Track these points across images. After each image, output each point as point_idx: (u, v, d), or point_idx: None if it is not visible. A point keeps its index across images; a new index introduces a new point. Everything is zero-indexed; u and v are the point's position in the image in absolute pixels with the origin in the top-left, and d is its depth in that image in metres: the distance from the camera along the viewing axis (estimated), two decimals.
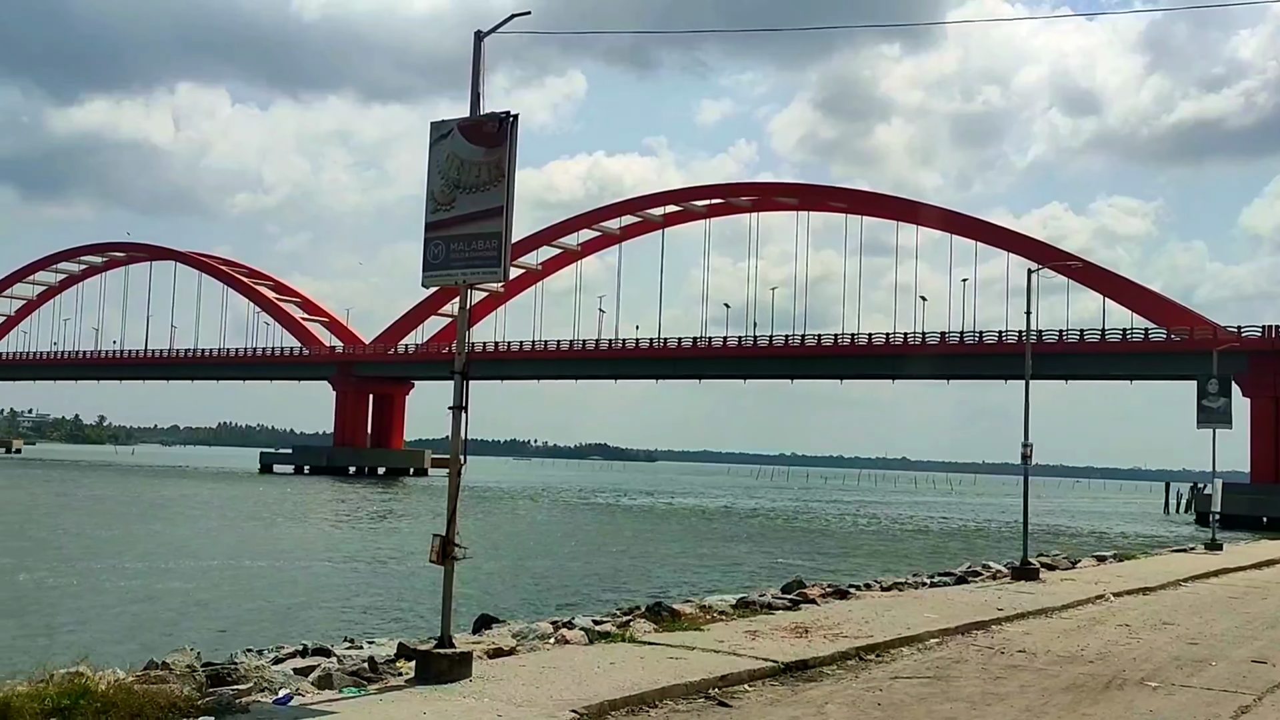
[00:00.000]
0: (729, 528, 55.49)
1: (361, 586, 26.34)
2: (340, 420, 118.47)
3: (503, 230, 9.40)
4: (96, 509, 51.39)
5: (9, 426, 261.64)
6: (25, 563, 28.28)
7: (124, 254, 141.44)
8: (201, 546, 34.47)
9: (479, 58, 9.61)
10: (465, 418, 9.59)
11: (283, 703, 8.56)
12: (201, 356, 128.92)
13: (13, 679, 8.66)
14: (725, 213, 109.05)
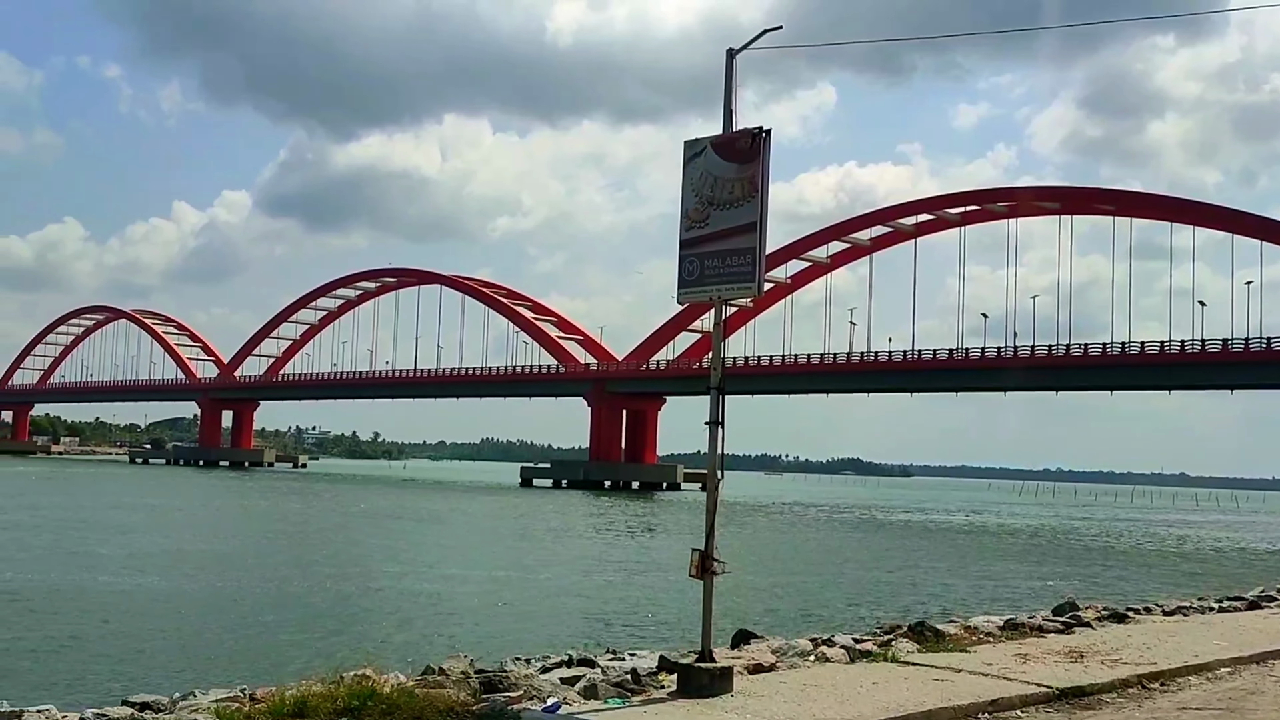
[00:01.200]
0: (992, 545, 53.51)
1: (620, 598, 26.86)
2: (595, 436, 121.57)
3: (756, 245, 9.40)
4: (375, 520, 54.64)
5: (295, 443, 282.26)
6: (312, 571, 30.36)
7: (394, 279, 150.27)
8: (471, 557, 36.06)
9: (731, 75, 9.66)
10: (722, 433, 9.62)
11: (551, 710, 8.80)
12: (465, 375, 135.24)
13: (308, 679, 9.26)
14: (981, 220, 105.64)
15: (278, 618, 22.07)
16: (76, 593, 24.52)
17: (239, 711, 8.84)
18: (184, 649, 18.47)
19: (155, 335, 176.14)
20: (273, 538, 42.60)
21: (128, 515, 51.36)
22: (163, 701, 9.71)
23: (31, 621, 20.50)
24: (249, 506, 64.63)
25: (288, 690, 9.11)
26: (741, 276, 9.52)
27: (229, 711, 8.80)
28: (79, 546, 35.12)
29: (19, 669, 16.29)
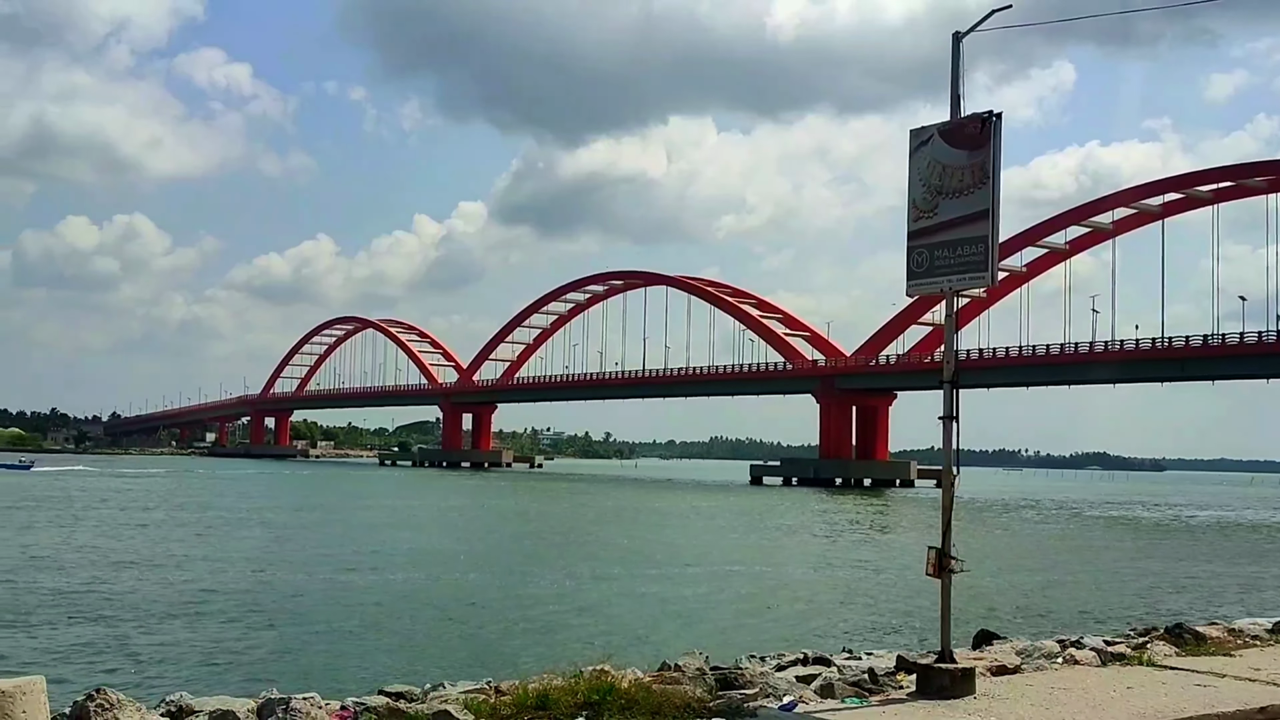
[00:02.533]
0: (1258, 544, 49.93)
1: (853, 597, 26.49)
2: (825, 432, 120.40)
3: (989, 234, 9.09)
4: (610, 518, 55.80)
5: (531, 444, 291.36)
6: (551, 568, 31.25)
7: (622, 282, 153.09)
8: (703, 554, 36.30)
9: (958, 59, 9.37)
10: (956, 428, 9.35)
11: (788, 709, 8.75)
12: (693, 374, 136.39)
13: (549, 673, 9.52)
14: (1237, 196, 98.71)
15: (518, 613, 22.81)
16: (332, 588, 26.05)
17: (485, 703, 9.17)
18: (429, 642, 19.34)
19: (399, 343, 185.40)
20: (514, 536, 44.13)
21: (379, 515, 54.29)
22: (415, 692, 10.18)
23: (292, 615, 21.92)
24: (490, 506, 67.16)
25: (530, 684, 9.39)
26: (974, 266, 9.23)
27: (476, 703, 9.14)
28: (334, 546, 37.33)
29: (284, 658, 17.46)
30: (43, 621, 20.31)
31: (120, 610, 21.80)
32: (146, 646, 18.09)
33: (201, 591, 24.75)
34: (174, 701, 9.42)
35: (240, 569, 29.46)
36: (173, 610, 21.95)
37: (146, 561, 30.75)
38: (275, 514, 50.94)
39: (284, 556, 33.08)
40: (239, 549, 35.07)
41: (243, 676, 15.48)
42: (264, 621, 20.98)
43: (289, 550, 35.09)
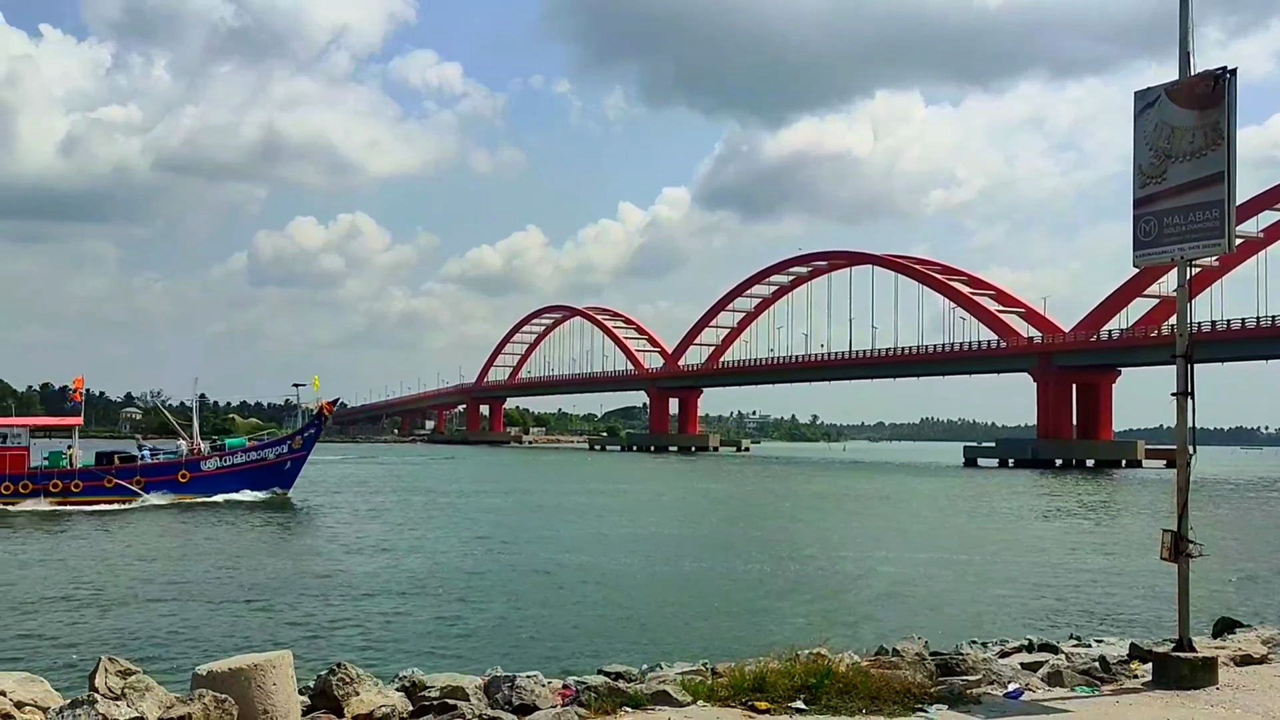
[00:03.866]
0: None
1: (1079, 582, 25.45)
2: (1043, 412, 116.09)
3: (1224, 198, 8.56)
4: (820, 501, 55.38)
5: (737, 428, 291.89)
6: (763, 551, 31.25)
7: (826, 263, 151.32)
8: (917, 537, 35.60)
9: (1186, 13, 8.83)
10: (1191, 405, 8.86)
11: (1013, 696, 8.51)
12: (901, 355, 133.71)
13: (765, 656, 9.53)
14: None
15: (730, 595, 22.92)
16: (551, 570, 26.76)
17: (702, 685, 9.27)
18: (645, 623, 19.63)
19: (606, 330, 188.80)
20: (724, 518, 44.32)
21: (592, 499, 55.48)
22: (633, 672, 10.37)
23: (513, 596, 22.65)
24: (699, 489, 67.64)
25: (746, 666, 9.42)
26: (1207, 233, 8.72)
27: (694, 684, 9.24)
28: (552, 529, 38.35)
29: (506, 638, 18.06)
30: (285, 603, 21.64)
31: (357, 591, 23.03)
32: (380, 625, 19.05)
33: (428, 572, 25.88)
34: (407, 677, 9.88)
35: (467, 551, 30.66)
36: (404, 590, 23.03)
37: (377, 545, 32.36)
38: (496, 498, 52.72)
39: (506, 539, 34.22)
40: (466, 531, 36.49)
41: (468, 654, 16.09)
42: (487, 601, 21.76)
43: (511, 533, 36.26)
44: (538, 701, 8.99)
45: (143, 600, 21.63)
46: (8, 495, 43.35)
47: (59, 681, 9.66)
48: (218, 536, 34.39)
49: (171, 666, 14.28)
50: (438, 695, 9.17)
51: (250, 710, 7.94)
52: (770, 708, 8.45)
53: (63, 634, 18.03)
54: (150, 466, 47.57)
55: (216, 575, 25.25)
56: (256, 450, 50.17)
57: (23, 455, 44.67)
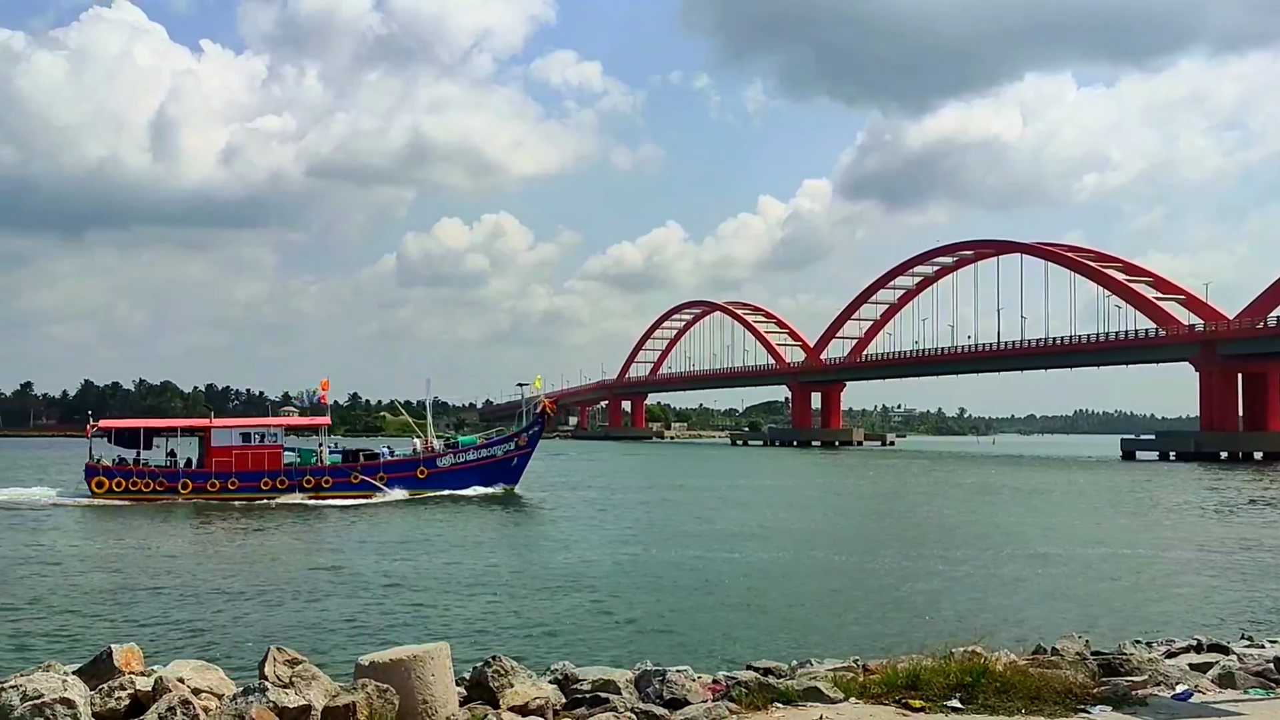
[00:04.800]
0: None
1: (1251, 580, 24.30)
2: (1206, 403, 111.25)
3: None
4: (971, 496, 54.16)
5: (882, 422, 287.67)
6: (912, 546, 30.74)
7: (972, 252, 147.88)
8: (1073, 533, 34.54)
9: None
10: None
11: (1182, 698, 8.19)
12: (1052, 345, 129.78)
13: (918, 653, 9.38)
14: None
15: (878, 592, 22.63)
16: (697, 565, 26.82)
17: (854, 681, 9.17)
18: (792, 619, 19.50)
19: (746, 325, 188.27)
20: (870, 513, 43.79)
21: (738, 493, 55.46)
22: (782, 668, 10.33)
23: (662, 591, 22.78)
24: (845, 484, 66.92)
25: (899, 663, 9.29)
26: None
27: (845, 681, 9.15)
28: (698, 523, 38.45)
29: (657, 633, 18.17)
30: (438, 599, 22.19)
31: (503, 585, 23.48)
32: (530, 618, 19.37)
33: (578, 568, 26.22)
34: (559, 670, 10.03)
35: (610, 547, 30.96)
36: (548, 585, 23.38)
37: (515, 541, 32.94)
38: (639, 493, 53.09)
39: (651, 533, 34.47)
40: (612, 527, 36.88)
41: (617, 648, 16.24)
42: (635, 596, 21.94)
43: (656, 527, 36.51)
44: (688, 696, 9.02)
45: (325, 591, 22.45)
46: (267, 490, 46.53)
47: (235, 668, 10.10)
48: (432, 528, 35.84)
49: (336, 657, 14.79)
50: (589, 688, 9.29)
51: (410, 700, 8.16)
52: (925, 706, 8.31)
53: (253, 622, 18.85)
54: (392, 463, 50.07)
55: (400, 567, 26.01)
56: (486, 448, 52.08)
57: (279, 452, 47.81)
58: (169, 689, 7.90)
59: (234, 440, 47.77)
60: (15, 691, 7.60)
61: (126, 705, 8.05)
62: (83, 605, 20.64)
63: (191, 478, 47.26)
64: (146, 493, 46.39)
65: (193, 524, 37.77)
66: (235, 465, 47.08)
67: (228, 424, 50.57)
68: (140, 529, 35.78)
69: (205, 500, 45.58)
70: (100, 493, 46.29)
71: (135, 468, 47.60)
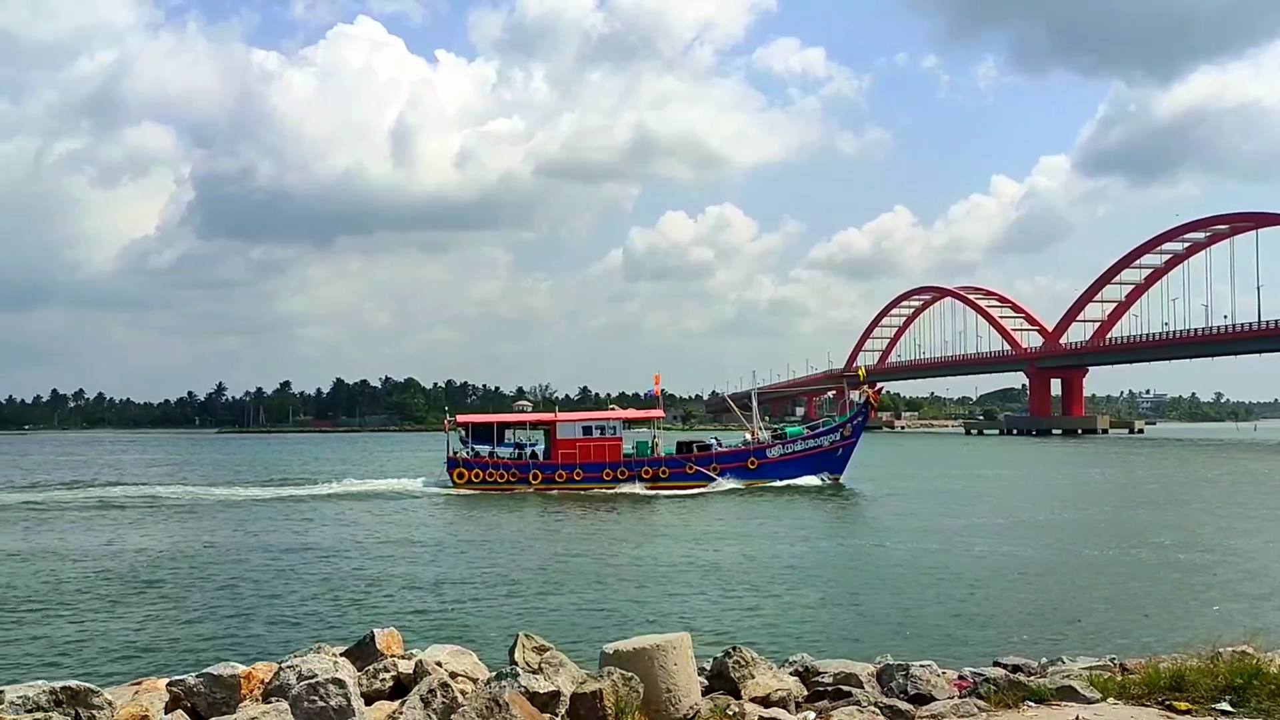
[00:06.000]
0: None
1: None
2: None
3: None
4: (1228, 488, 50.84)
5: (1129, 408, 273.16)
6: (1165, 538, 29.13)
7: (1227, 226, 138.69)
8: None
9: None
10: None
11: None
12: None
13: (1181, 653, 8.89)
14: None
15: (1127, 587, 21.52)
16: (935, 556, 26.21)
17: (1111, 680, 8.78)
18: (1035, 614, 18.74)
19: (979, 309, 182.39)
20: (1119, 505, 41.67)
21: (975, 484, 53.98)
22: (1032, 665, 9.98)
23: (898, 583, 22.37)
24: (1090, 474, 63.95)
25: (1161, 663, 8.84)
26: None
27: (1101, 680, 8.77)
28: (933, 515, 37.55)
29: (894, 625, 17.85)
30: (678, 590, 22.50)
31: (743, 576, 23.57)
32: (772, 609, 19.37)
33: (816, 560, 26.09)
34: (799, 662, 10.01)
35: (847, 536, 30.66)
36: (788, 573, 23.34)
37: (743, 533, 33.00)
38: (871, 485, 52.20)
39: (885, 525, 33.94)
40: (846, 519, 36.52)
41: (854, 640, 16.06)
42: (871, 587, 21.66)
43: (891, 519, 35.90)
44: (934, 692, 8.84)
45: (597, 575, 23.17)
46: (608, 480, 48.98)
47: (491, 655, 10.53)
48: (752, 518, 36.46)
49: (580, 642, 15.20)
50: (831, 681, 9.22)
51: (654, 688, 8.31)
52: (1191, 709, 7.86)
53: (509, 609, 19.66)
54: (724, 454, 51.48)
55: (697, 553, 26.60)
56: (814, 438, 52.68)
57: (619, 444, 50.24)
58: (428, 672, 8.32)
59: (577, 433, 50.19)
60: (292, 671, 8.16)
61: (390, 686, 8.52)
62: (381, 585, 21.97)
63: (541, 469, 49.95)
64: (501, 483, 49.57)
65: (542, 511, 39.85)
66: (579, 457, 49.60)
67: (571, 418, 53.21)
68: (495, 515, 38.62)
69: (553, 490, 48.36)
70: (460, 483, 49.89)
71: (490, 459, 50.68)
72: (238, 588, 22.49)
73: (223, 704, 8.17)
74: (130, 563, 26.49)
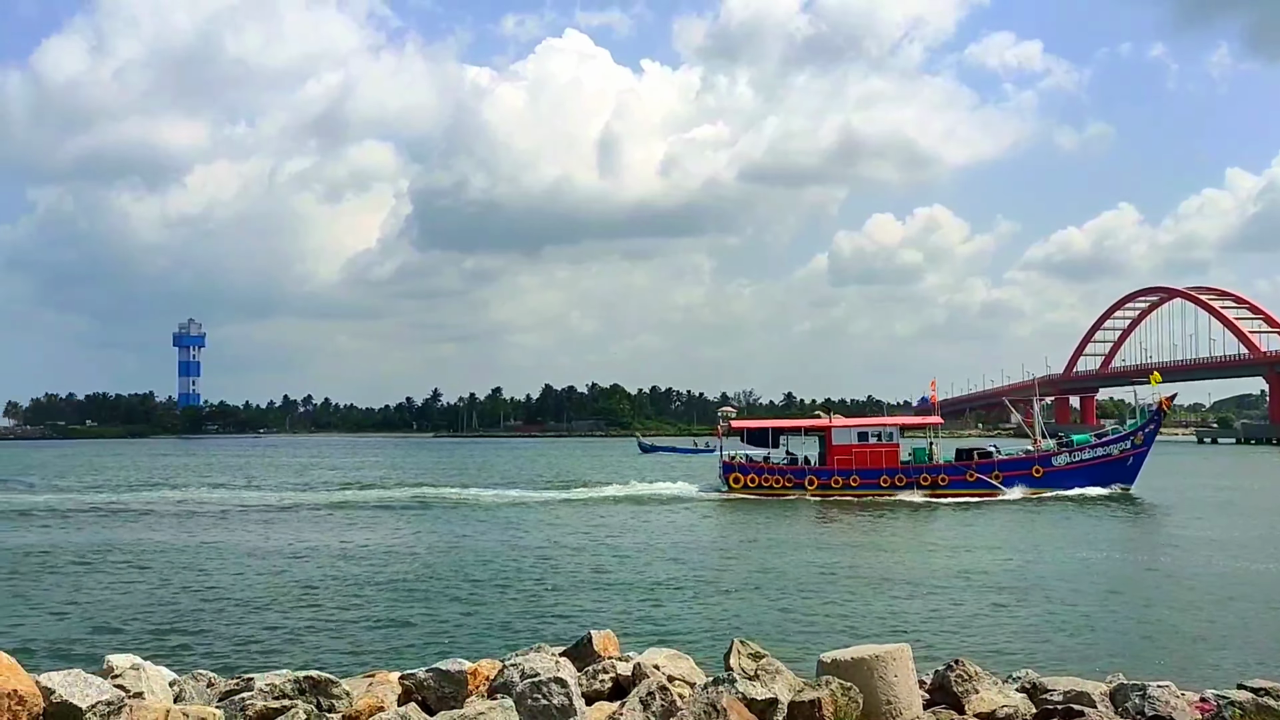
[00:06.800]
0: None
1: None
2: None
3: None
4: None
5: None
6: None
7: None
8: None
9: None
10: None
11: None
12: None
13: None
14: None
15: None
16: (1167, 571, 24.89)
17: None
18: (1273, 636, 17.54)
19: (1212, 311, 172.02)
20: None
21: (1218, 495, 50.95)
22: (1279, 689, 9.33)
23: (1128, 596, 21.30)
24: None
25: None
26: None
27: None
28: (1167, 526, 35.66)
29: (1122, 641, 16.99)
30: (902, 598, 22.04)
31: (978, 587, 22.90)
32: (998, 621, 18.74)
33: (1068, 572, 25.13)
34: (1025, 678, 9.65)
35: (1073, 548, 29.46)
36: (1007, 586, 22.55)
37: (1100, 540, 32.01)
38: (1156, 494, 49.97)
39: (1114, 537, 32.42)
40: (1134, 537, 35.12)
41: (1078, 656, 15.36)
42: (1096, 600, 20.71)
43: (1122, 530, 34.31)
44: (1174, 714, 8.37)
45: (833, 581, 23.10)
46: (885, 487, 48.26)
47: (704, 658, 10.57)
48: (1036, 530, 35.15)
49: (794, 652, 15.08)
50: (1060, 699, 8.84)
51: (874, 699, 8.16)
52: None
53: (727, 613, 19.75)
54: (1007, 462, 50.25)
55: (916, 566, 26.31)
56: (1102, 446, 51.08)
57: (896, 450, 49.64)
58: (647, 674, 8.41)
59: (852, 439, 49.59)
60: (515, 669, 8.40)
61: (609, 688, 8.66)
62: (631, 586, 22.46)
63: (816, 474, 49.47)
64: (776, 489, 49.30)
65: (814, 517, 39.76)
66: (855, 463, 48.82)
67: (847, 424, 52.42)
68: (763, 520, 38.53)
69: (829, 496, 47.84)
70: (736, 488, 49.77)
71: (765, 465, 50.81)
72: (463, 586, 23.27)
73: (451, 698, 8.48)
74: (392, 560, 27.93)
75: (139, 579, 24.81)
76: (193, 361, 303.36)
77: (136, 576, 25.21)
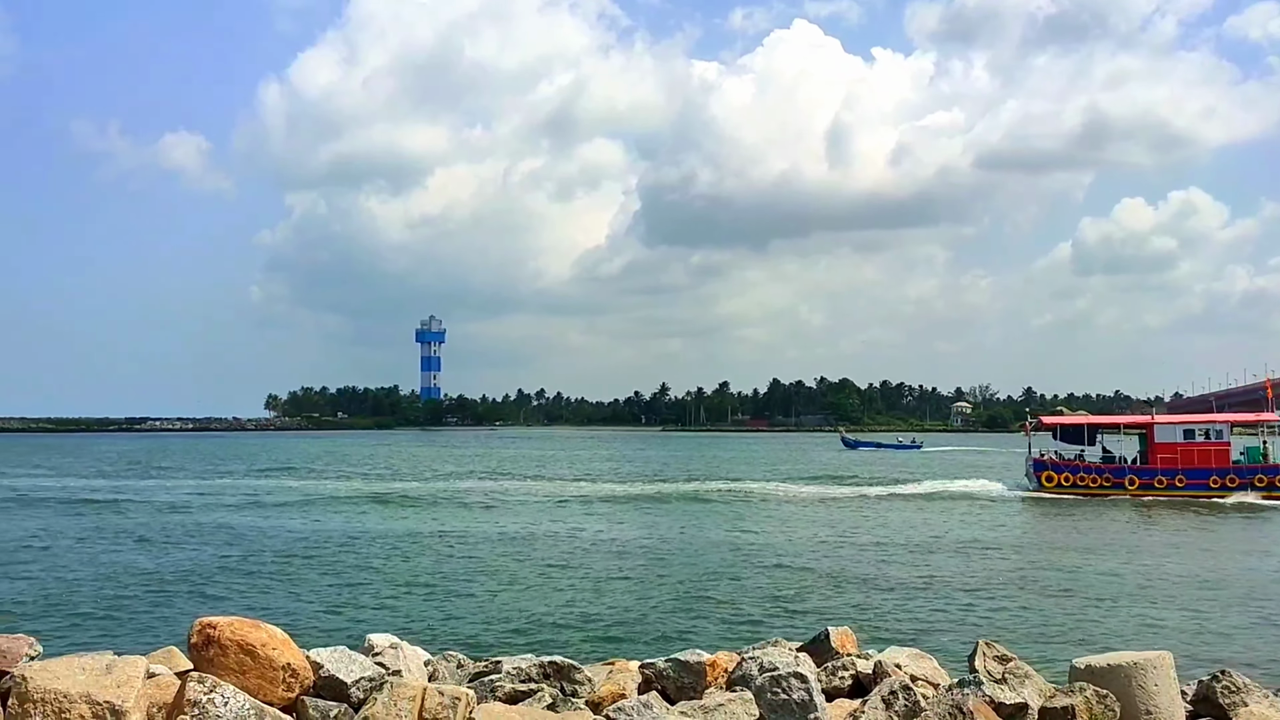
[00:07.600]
0: None
1: None
2: None
3: None
4: None
5: None
6: None
7: None
8: None
9: None
10: None
11: None
12: None
13: None
14: None
15: None
16: None
17: None
18: None
19: None
20: None
21: None
22: None
23: None
24: None
25: None
26: None
27: None
28: None
29: None
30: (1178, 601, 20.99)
31: None
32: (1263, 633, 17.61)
33: None
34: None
35: None
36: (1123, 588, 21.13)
37: None
38: None
39: None
40: None
41: None
42: None
43: None
44: None
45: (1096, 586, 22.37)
46: (1215, 488, 45.71)
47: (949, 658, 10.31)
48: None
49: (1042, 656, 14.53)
50: None
51: (1132, 709, 7.76)
52: None
53: (966, 613, 19.30)
54: None
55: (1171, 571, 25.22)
56: None
57: (1226, 449, 47.51)
58: (888, 673, 8.26)
59: (1177, 437, 47.67)
60: (754, 663, 8.41)
61: (849, 685, 8.55)
62: None
63: (1137, 474, 47.36)
64: (1093, 488, 47.46)
65: (1131, 519, 37.93)
66: (1181, 462, 46.83)
67: (1171, 420, 50.49)
68: (1073, 521, 37.23)
69: (1150, 497, 45.75)
70: (1049, 487, 48.14)
71: (1080, 463, 48.90)
72: (704, 578, 23.56)
73: (690, 688, 8.56)
74: (649, 548, 28.61)
75: (391, 563, 26.26)
76: (434, 357, 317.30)
77: (390, 561, 26.69)
